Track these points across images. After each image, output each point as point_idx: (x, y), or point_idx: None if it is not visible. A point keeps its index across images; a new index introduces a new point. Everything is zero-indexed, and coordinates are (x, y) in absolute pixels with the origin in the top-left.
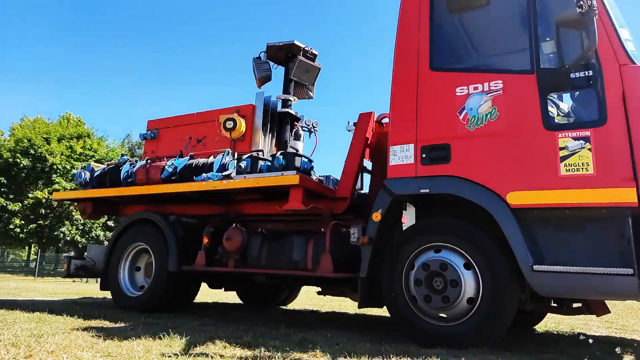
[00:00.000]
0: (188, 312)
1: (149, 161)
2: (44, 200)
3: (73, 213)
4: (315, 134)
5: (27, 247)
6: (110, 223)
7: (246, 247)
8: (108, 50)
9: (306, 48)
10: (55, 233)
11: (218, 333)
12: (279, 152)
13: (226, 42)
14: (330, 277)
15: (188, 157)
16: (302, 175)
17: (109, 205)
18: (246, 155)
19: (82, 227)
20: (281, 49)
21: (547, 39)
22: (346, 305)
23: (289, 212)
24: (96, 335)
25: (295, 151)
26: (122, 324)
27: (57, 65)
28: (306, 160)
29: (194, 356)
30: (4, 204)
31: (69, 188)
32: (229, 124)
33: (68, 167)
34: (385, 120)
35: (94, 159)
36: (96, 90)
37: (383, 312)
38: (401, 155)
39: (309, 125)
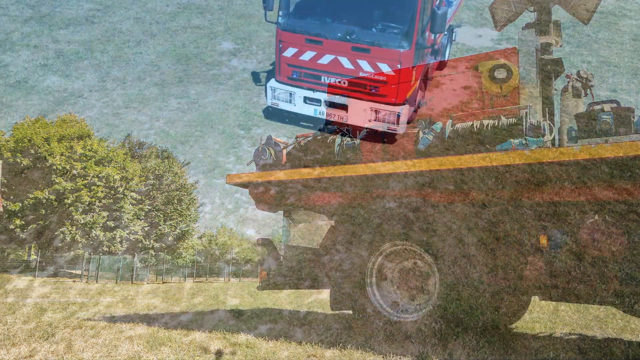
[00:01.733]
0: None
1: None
2: (44, 201)
3: (73, 213)
4: (590, 89)
5: (27, 247)
6: (110, 223)
7: None
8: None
9: None
10: (56, 233)
11: (218, 333)
12: None
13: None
14: None
15: (450, 122)
16: None
17: (294, 194)
18: (607, 107)
19: (81, 227)
20: None
21: None
22: None
23: None
24: (96, 335)
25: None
26: (122, 324)
27: (59, 64)
28: None
29: (193, 355)
30: (4, 204)
31: (68, 188)
32: (500, 74)
33: (67, 167)
34: None
35: (93, 159)
36: (96, 90)
37: None
38: None
39: (582, 79)
